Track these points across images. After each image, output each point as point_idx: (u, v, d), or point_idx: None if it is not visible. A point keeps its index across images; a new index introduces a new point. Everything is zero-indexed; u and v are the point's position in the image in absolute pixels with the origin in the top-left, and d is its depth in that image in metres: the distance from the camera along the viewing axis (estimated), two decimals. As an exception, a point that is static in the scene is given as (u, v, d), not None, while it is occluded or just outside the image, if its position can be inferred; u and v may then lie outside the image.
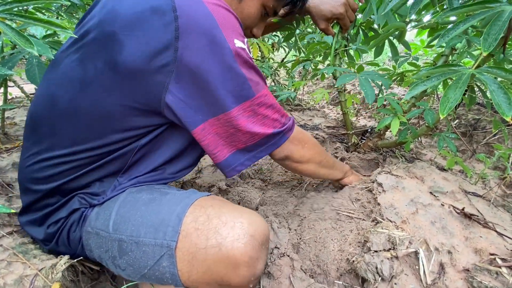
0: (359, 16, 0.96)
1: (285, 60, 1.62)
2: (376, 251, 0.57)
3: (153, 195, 0.55)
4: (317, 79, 2.63)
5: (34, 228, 0.60)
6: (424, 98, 1.00)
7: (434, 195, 0.69)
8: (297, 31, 0.98)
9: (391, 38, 0.99)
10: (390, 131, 0.87)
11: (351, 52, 1.08)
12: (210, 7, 0.50)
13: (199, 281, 0.48)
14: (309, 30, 1.45)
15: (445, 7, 0.86)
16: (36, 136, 0.57)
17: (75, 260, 0.61)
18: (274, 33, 1.83)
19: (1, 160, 0.88)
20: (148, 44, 0.48)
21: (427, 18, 1.00)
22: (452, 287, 0.49)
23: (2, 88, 1.00)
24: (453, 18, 0.85)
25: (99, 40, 0.50)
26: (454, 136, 0.82)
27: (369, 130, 1.17)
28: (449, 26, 0.84)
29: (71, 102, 0.53)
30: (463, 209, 0.61)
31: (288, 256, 0.78)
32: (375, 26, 1.01)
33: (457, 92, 0.55)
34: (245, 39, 0.55)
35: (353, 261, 0.60)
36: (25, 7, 0.93)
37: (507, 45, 0.64)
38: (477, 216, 0.60)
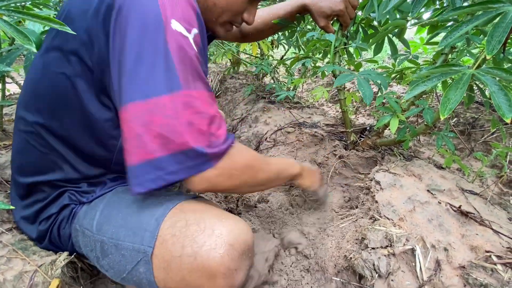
0: (359, 13, 0.96)
1: (284, 58, 1.61)
2: (373, 248, 0.57)
3: (137, 196, 0.54)
4: (316, 76, 2.62)
5: (28, 226, 0.60)
6: (423, 96, 1.00)
7: (432, 193, 0.70)
8: (297, 28, 0.98)
9: (390, 36, 0.99)
10: (389, 129, 0.87)
11: (351, 49, 1.07)
12: None
13: None
14: (308, 27, 1.44)
15: (445, 4, 0.86)
16: (17, 124, 0.57)
17: (73, 255, 0.62)
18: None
19: (0, 157, 0.88)
20: (87, 9, 0.46)
21: (427, 15, 1.00)
22: (447, 283, 0.49)
23: (0, 85, 1.00)
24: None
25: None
26: (453, 135, 0.83)
27: (368, 128, 1.18)
28: (450, 23, 0.84)
29: (34, 86, 0.53)
30: (459, 207, 0.61)
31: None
32: (375, 23, 1.01)
33: (457, 93, 0.55)
34: (194, 29, 0.47)
35: (351, 258, 0.60)
36: (22, 3, 0.92)
37: (506, 44, 0.64)
38: (474, 214, 0.61)
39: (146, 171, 0.44)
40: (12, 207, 0.39)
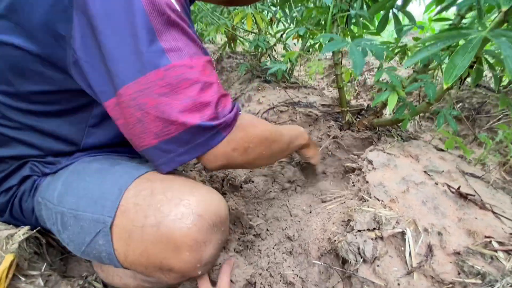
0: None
1: (279, 30, 1.51)
2: (359, 231, 0.52)
3: (103, 165, 0.49)
4: (318, 60, 2.51)
5: None
6: (428, 73, 0.92)
7: (429, 174, 0.63)
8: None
9: (395, 10, 0.90)
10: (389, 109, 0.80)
11: (355, 29, 0.98)
12: None
13: (136, 263, 0.42)
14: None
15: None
16: None
17: (35, 230, 0.57)
18: (272, 5, 1.71)
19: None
20: None
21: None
22: (439, 271, 0.44)
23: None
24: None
25: None
26: (456, 113, 0.75)
27: (365, 108, 1.10)
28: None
29: None
30: (458, 187, 0.55)
31: (271, 234, 0.73)
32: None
33: (465, 58, 0.48)
34: None
35: (335, 240, 0.55)
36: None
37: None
38: (474, 195, 0.55)
39: (158, 156, 0.43)
40: None
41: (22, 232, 0.56)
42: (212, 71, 0.44)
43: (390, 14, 0.92)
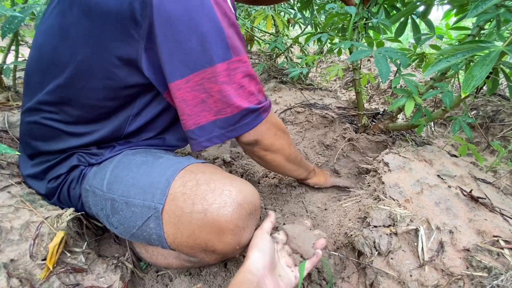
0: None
1: (299, 35, 1.55)
2: (375, 227, 0.56)
3: (146, 158, 0.55)
4: (331, 62, 2.53)
5: (36, 183, 0.61)
6: (445, 81, 0.95)
7: (442, 178, 0.67)
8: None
9: (414, 17, 0.93)
10: (404, 114, 0.84)
11: (370, 32, 1.02)
12: None
13: (184, 244, 0.48)
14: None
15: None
16: (29, 90, 0.56)
17: (80, 213, 0.63)
18: (290, 7, 1.74)
19: (12, 116, 0.90)
20: None
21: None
22: (449, 264, 0.48)
23: (14, 46, 1.00)
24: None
25: None
26: (472, 121, 0.78)
27: (381, 112, 1.14)
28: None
29: (53, 52, 0.51)
30: (470, 191, 0.59)
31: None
32: (398, 5, 0.94)
33: (483, 70, 0.52)
34: None
35: (351, 235, 0.60)
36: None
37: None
38: (484, 199, 0.58)
39: (212, 130, 0.51)
40: (17, 153, 0.40)
41: (68, 213, 0.63)
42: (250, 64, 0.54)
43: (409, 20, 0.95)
